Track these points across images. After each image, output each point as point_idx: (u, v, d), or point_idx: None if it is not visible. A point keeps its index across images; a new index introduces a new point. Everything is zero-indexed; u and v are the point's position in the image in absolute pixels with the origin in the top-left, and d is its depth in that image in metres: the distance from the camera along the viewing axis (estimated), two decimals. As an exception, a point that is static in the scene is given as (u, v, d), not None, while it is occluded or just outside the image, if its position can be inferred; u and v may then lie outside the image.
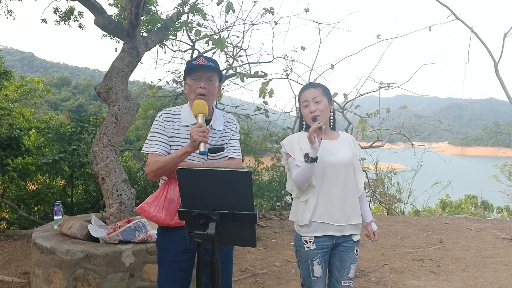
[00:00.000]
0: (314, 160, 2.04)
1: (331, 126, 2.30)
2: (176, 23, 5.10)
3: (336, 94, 6.50)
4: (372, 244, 5.24)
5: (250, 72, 6.75)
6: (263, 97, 6.28)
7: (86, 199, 6.56)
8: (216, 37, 5.89)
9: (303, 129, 2.30)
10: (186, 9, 5.31)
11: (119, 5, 5.11)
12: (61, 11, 5.25)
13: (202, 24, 5.91)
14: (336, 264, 2.22)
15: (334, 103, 6.42)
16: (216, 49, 6.09)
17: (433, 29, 5.93)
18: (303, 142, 2.15)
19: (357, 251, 2.24)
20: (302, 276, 2.24)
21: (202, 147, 1.84)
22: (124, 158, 7.49)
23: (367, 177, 8.49)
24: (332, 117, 2.28)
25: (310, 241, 2.17)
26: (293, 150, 2.23)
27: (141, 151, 2.17)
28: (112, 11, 7.07)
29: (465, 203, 11.45)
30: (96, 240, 3.13)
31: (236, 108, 7.48)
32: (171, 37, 5.57)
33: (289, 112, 7.33)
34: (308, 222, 2.15)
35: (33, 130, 6.99)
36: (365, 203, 2.34)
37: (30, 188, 6.60)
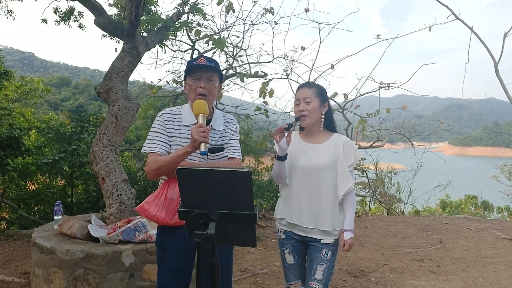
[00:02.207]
0: (281, 158, 2.14)
1: (322, 128, 2.28)
2: (176, 23, 5.10)
3: (336, 94, 6.50)
4: (372, 244, 5.25)
5: (250, 72, 6.75)
6: (263, 97, 6.28)
7: (86, 199, 6.55)
8: (216, 37, 5.88)
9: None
10: (186, 9, 5.31)
11: (119, 5, 5.11)
12: (61, 11, 5.24)
13: (202, 24, 5.91)
14: (308, 263, 2.27)
15: (334, 103, 6.40)
16: (216, 49, 6.09)
17: (433, 29, 5.93)
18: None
19: (326, 253, 2.19)
20: (280, 260, 2.39)
21: (202, 147, 1.85)
22: (124, 158, 7.49)
23: (367, 177, 8.48)
24: (323, 119, 2.26)
25: (280, 231, 2.33)
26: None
27: (141, 151, 2.18)
28: (112, 11, 7.07)
29: (465, 203, 11.43)
30: (96, 240, 3.13)
31: (236, 108, 7.47)
32: (171, 37, 5.57)
33: (289, 112, 7.33)
34: (280, 217, 2.31)
35: (33, 130, 6.98)
36: (348, 210, 2.22)
37: (30, 188, 6.60)
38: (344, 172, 2.19)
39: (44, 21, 5.39)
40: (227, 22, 6.44)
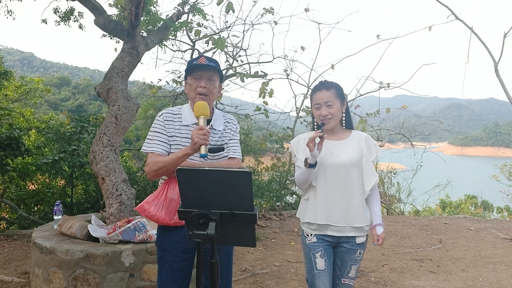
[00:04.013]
0: (312, 166, 2.07)
1: (344, 126, 2.27)
2: (176, 23, 5.10)
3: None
4: (372, 244, 5.24)
5: (250, 72, 6.76)
6: (263, 97, 6.29)
7: (86, 199, 6.56)
8: (216, 37, 5.89)
9: (315, 129, 2.29)
10: (186, 9, 5.31)
11: (119, 5, 5.12)
12: (61, 11, 5.25)
13: (202, 24, 5.91)
14: (338, 262, 2.24)
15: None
16: (216, 49, 6.09)
17: (433, 29, 5.94)
18: None
19: (360, 253, 2.21)
20: (306, 270, 2.27)
21: (203, 150, 1.84)
22: (124, 158, 7.49)
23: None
24: (344, 117, 2.26)
25: (311, 234, 2.22)
26: (297, 150, 2.27)
27: (141, 150, 2.18)
28: (112, 11, 7.07)
29: (465, 203, 11.44)
30: (96, 240, 3.13)
31: (236, 108, 7.48)
32: (171, 37, 5.57)
33: (289, 112, 7.34)
34: (308, 220, 2.20)
35: (33, 130, 6.99)
36: (375, 205, 2.24)
37: (30, 188, 6.60)
38: (369, 167, 2.20)
39: (44, 21, 5.39)
40: (227, 22, 6.47)
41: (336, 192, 2.15)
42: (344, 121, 2.26)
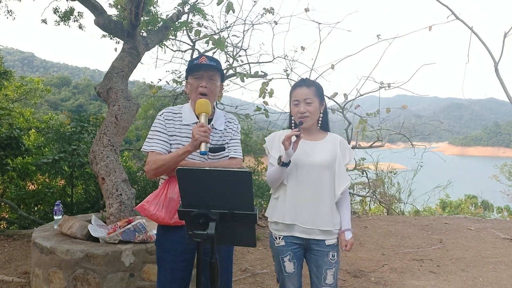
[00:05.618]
0: (286, 164, 2.05)
1: (319, 126, 2.25)
2: (176, 23, 5.10)
3: (336, 94, 6.51)
4: (372, 244, 5.24)
5: (250, 72, 6.75)
6: (263, 97, 6.28)
7: (86, 199, 6.55)
8: (216, 37, 5.89)
9: (292, 127, 2.26)
10: (186, 9, 5.31)
11: (119, 5, 5.12)
12: (60, 12, 5.25)
13: (202, 24, 5.91)
14: (313, 269, 2.19)
15: (334, 102, 6.37)
16: (216, 49, 6.09)
17: (433, 29, 5.93)
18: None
19: (333, 256, 2.16)
20: (276, 271, 2.25)
21: (203, 147, 1.84)
22: (124, 158, 7.49)
23: (367, 177, 8.48)
24: (321, 117, 2.24)
25: (279, 238, 2.19)
26: (272, 147, 2.24)
27: (141, 150, 2.17)
28: (112, 11, 7.07)
29: (465, 203, 11.44)
30: (96, 240, 3.13)
31: (236, 108, 7.47)
32: (171, 37, 5.57)
33: (289, 112, 7.32)
34: (276, 220, 2.18)
35: (33, 130, 6.98)
36: (345, 209, 2.21)
37: (30, 188, 6.60)
38: (341, 171, 2.17)
39: (44, 21, 5.39)
40: (227, 22, 6.46)
41: (306, 193, 2.12)
42: (320, 122, 2.24)
